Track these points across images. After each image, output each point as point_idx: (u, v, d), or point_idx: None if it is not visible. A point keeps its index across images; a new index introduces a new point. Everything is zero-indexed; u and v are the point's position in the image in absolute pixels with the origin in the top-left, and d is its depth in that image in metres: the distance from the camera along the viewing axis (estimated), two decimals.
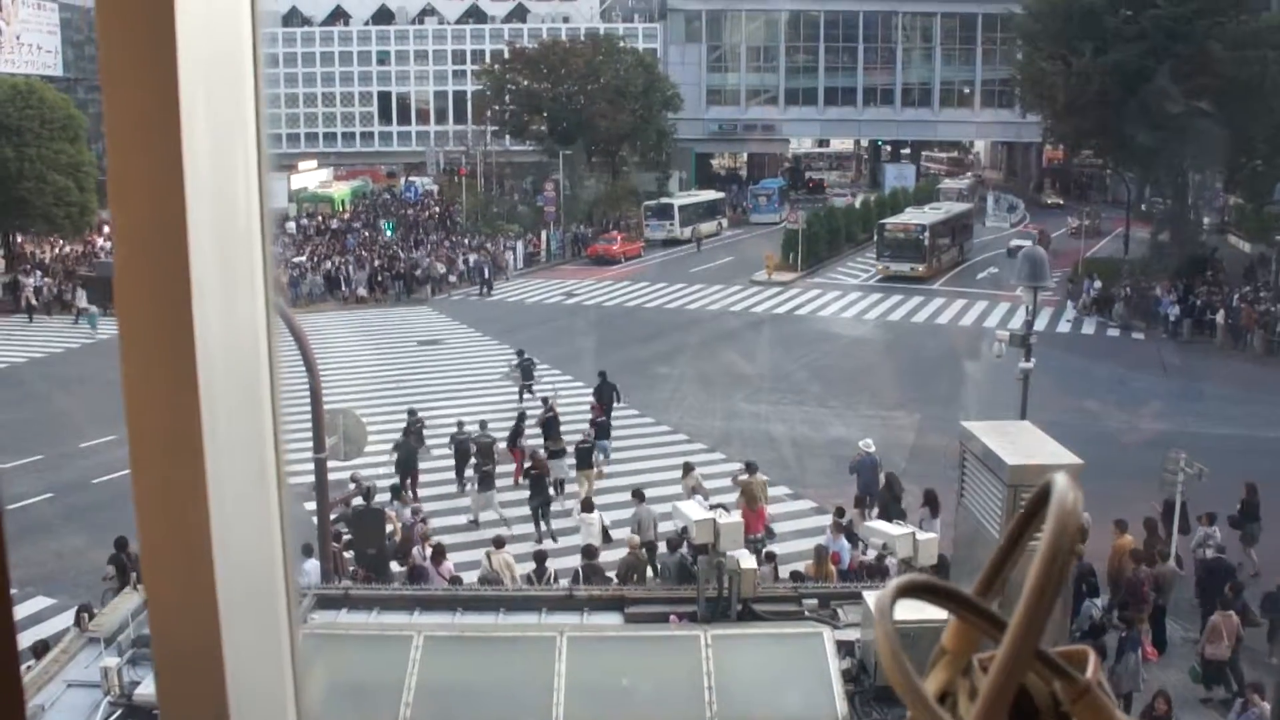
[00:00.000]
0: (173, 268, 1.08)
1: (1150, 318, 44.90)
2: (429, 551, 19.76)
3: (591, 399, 29.49)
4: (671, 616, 11.90)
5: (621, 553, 19.73)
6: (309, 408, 16.82)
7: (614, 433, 29.10)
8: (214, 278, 1.13)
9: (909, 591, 1.01)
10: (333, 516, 19.40)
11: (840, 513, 21.43)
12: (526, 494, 24.56)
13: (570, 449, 25.97)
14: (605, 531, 21.40)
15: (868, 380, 36.09)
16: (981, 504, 10.29)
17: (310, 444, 16.80)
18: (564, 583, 18.67)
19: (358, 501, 20.67)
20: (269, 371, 1.28)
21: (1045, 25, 57.34)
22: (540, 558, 19.36)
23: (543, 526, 23.72)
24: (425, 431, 27.12)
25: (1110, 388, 35.11)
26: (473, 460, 24.78)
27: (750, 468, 22.95)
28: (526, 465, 24.94)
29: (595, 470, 25.95)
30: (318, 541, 17.43)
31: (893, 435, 28.77)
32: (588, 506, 21.87)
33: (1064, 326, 44.81)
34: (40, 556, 22.16)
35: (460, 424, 26.34)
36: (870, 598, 10.25)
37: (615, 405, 29.83)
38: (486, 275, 54.05)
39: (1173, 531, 21.10)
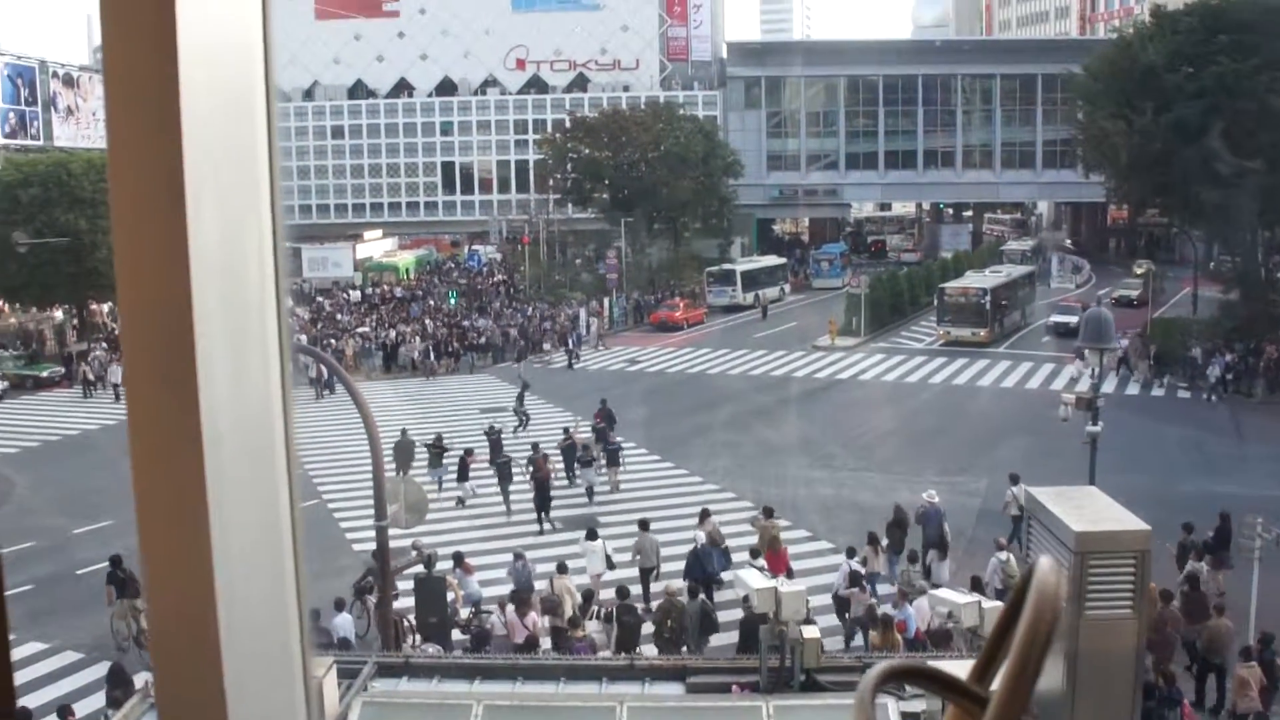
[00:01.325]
0: (178, 346, 1.08)
1: (1196, 378, 44.09)
2: (496, 616, 19.91)
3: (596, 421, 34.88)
4: (734, 686, 11.75)
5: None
6: (371, 476, 16.93)
7: (676, 497, 30.57)
8: (222, 355, 1.13)
9: (895, 677, 0.98)
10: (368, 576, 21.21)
11: (851, 552, 22.65)
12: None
13: (598, 455, 32.04)
14: (608, 558, 23.18)
15: (933, 445, 35.74)
16: None
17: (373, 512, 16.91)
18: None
19: (419, 569, 20.72)
20: (283, 445, 1.28)
21: (1105, 85, 57.04)
22: (588, 596, 20.82)
23: (545, 524, 28.65)
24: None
25: (1182, 451, 34.46)
26: (459, 456, 30.57)
27: (767, 512, 24.40)
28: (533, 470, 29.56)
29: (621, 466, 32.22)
30: (376, 609, 17.49)
31: (959, 500, 28.42)
32: (592, 535, 23.78)
33: (1133, 389, 44.14)
34: (107, 620, 22.43)
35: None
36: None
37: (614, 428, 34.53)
38: (571, 345, 53.33)
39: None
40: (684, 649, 19.49)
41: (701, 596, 20.33)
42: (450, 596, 20.83)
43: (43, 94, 76.61)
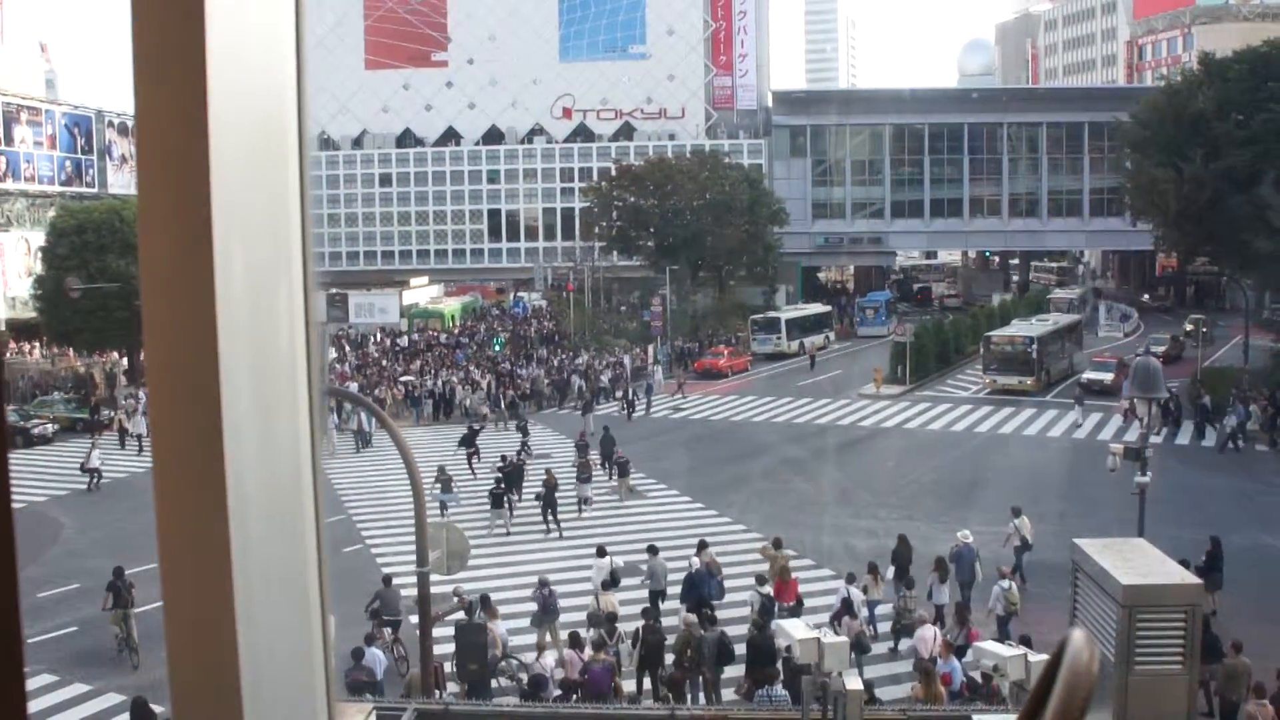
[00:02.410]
0: (204, 401, 1.07)
1: (1209, 426, 43.41)
2: (550, 656, 19.95)
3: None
4: None
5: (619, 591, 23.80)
6: (414, 522, 16.96)
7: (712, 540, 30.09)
8: (249, 410, 1.12)
9: None
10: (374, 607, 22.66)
11: (851, 578, 23.44)
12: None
13: (597, 471, 36.08)
14: (614, 575, 24.00)
15: (978, 495, 35.37)
16: (1095, 625, 9.92)
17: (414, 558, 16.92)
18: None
19: (459, 616, 20.69)
20: (311, 500, 1.27)
21: (1154, 133, 56.81)
22: (611, 618, 21.55)
23: (551, 523, 32.15)
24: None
25: (1233, 502, 33.90)
26: (493, 479, 33.63)
27: (777, 543, 25.13)
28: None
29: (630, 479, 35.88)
30: (419, 657, 17.45)
31: (1005, 552, 28.03)
32: (601, 552, 24.91)
33: (1183, 439, 43.54)
34: (150, 663, 22.53)
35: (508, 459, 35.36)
36: None
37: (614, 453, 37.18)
38: (632, 395, 51.38)
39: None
40: (701, 677, 20.21)
41: (720, 629, 20.85)
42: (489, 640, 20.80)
43: (98, 142, 77.96)
